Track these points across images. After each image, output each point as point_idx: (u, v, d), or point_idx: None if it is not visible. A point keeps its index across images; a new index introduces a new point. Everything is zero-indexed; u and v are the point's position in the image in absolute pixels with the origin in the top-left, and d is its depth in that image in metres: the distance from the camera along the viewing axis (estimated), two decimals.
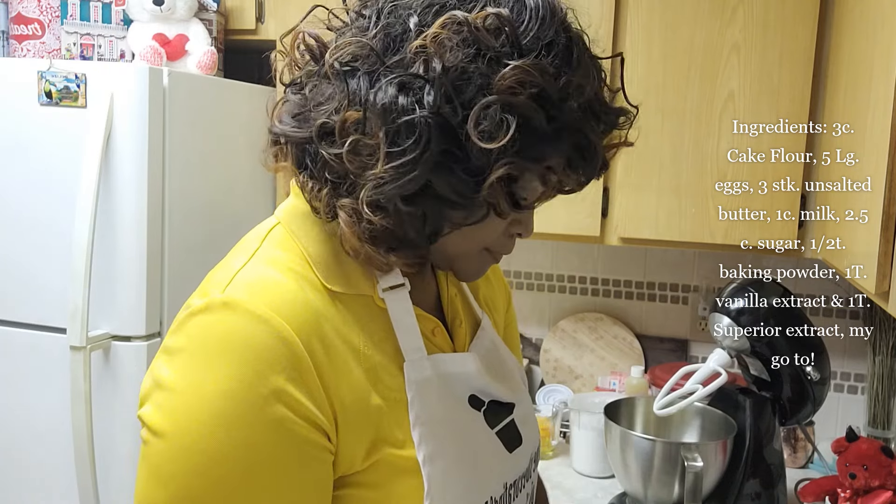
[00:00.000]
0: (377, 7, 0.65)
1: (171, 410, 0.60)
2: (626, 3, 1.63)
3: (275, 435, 0.59)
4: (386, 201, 0.61)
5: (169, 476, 0.59)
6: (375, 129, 0.60)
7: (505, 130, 0.59)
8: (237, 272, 0.64)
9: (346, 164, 0.61)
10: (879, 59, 1.09)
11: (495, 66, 0.60)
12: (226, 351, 0.60)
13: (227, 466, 0.59)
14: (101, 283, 1.52)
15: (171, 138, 1.58)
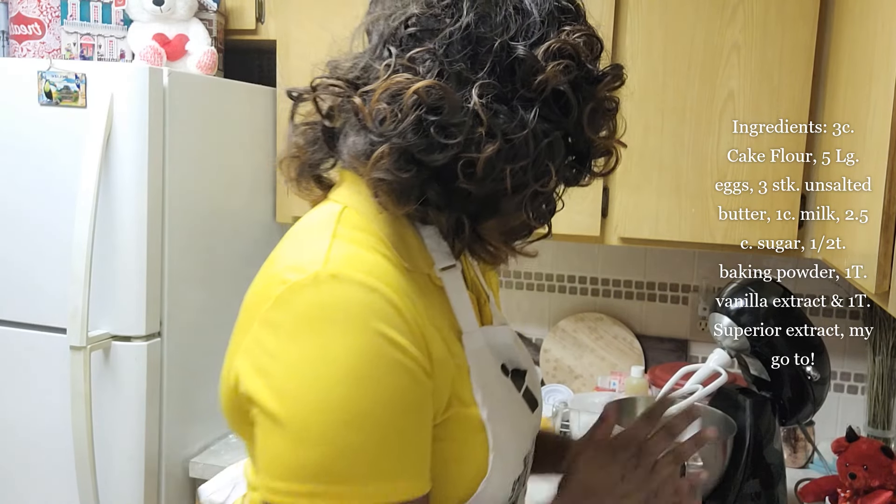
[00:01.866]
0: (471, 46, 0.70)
1: (302, 378, 0.64)
2: (626, 3, 1.63)
3: (403, 383, 0.66)
4: (541, 209, 0.74)
5: (318, 436, 0.64)
6: (525, 154, 0.70)
7: (609, 124, 0.78)
8: (329, 249, 0.69)
9: (505, 189, 0.71)
10: (879, 59, 1.09)
11: (593, 78, 0.74)
12: (346, 316, 0.65)
13: (372, 417, 0.64)
14: (101, 283, 1.52)
15: (171, 138, 1.58)
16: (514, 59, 0.70)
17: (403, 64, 0.70)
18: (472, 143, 0.69)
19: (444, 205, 0.72)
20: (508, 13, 0.71)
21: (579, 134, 0.75)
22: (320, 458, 0.64)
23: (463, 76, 0.69)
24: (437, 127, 0.68)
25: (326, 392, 0.64)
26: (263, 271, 0.74)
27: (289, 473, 0.64)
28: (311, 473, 0.64)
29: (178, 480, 1.67)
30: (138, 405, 1.56)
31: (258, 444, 0.67)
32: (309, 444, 0.64)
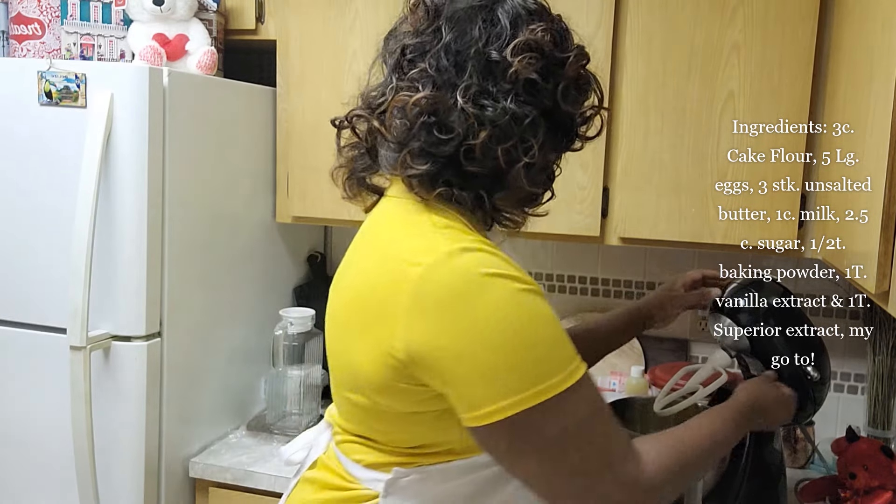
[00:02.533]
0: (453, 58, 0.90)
1: (480, 324, 0.83)
2: (626, 2, 1.63)
3: (542, 303, 0.87)
4: (536, 177, 0.94)
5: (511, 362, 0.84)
6: (511, 135, 0.88)
7: (583, 96, 0.97)
8: (441, 235, 0.88)
9: (501, 166, 0.89)
10: (879, 59, 1.09)
11: (559, 62, 0.92)
12: (486, 272, 0.84)
13: (539, 332, 0.86)
14: (101, 283, 1.52)
15: (171, 138, 1.58)
16: (489, 60, 0.89)
17: (405, 84, 0.91)
18: (469, 133, 0.87)
19: (462, 185, 0.90)
20: (480, 26, 0.90)
21: (557, 109, 0.93)
22: (517, 373, 0.83)
23: (451, 82, 0.88)
24: (437, 126, 0.88)
25: (501, 328, 0.83)
26: (379, 268, 0.91)
27: (500, 393, 0.83)
28: (514, 387, 0.83)
29: (178, 480, 1.67)
30: (138, 405, 1.56)
31: (460, 389, 0.85)
32: (505, 369, 0.83)
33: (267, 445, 1.78)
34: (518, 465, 0.89)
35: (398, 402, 0.91)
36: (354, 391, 0.95)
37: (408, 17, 0.96)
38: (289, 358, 1.85)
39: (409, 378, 0.88)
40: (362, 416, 0.98)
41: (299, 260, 2.13)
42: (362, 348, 0.91)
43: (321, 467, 1.06)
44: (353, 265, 1.00)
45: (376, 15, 1.78)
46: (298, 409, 1.86)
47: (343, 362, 0.98)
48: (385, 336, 0.87)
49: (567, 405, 0.86)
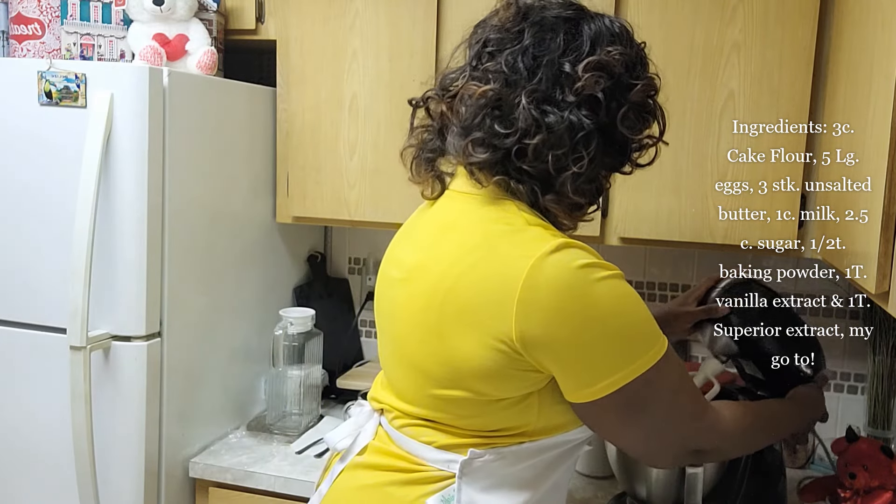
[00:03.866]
0: (528, 61, 0.96)
1: (587, 311, 0.93)
2: (626, 2, 1.62)
3: (631, 289, 0.97)
4: (582, 186, 0.98)
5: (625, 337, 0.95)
6: (563, 143, 0.94)
7: (643, 123, 1.04)
8: (540, 230, 0.96)
9: (549, 170, 0.95)
10: (879, 59, 1.09)
11: (626, 86, 0.99)
12: (588, 263, 0.93)
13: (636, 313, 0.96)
14: (101, 283, 1.52)
15: (171, 138, 1.58)
16: (561, 71, 0.94)
17: (478, 75, 0.97)
18: (527, 133, 0.93)
19: (518, 179, 0.97)
20: (562, 37, 0.96)
21: (613, 130, 0.98)
22: (623, 351, 0.94)
23: (520, 83, 0.94)
24: (499, 120, 0.94)
25: (606, 315, 0.93)
26: (483, 261, 0.96)
27: (609, 370, 0.94)
28: (621, 363, 0.93)
29: (178, 480, 1.67)
30: (138, 405, 1.56)
31: (572, 370, 0.95)
32: (611, 349, 0.94)
33: (267, 445, 1.78)
34: (623, 431, 1.01)
35: (505, 389, 0.97)
36: (450, 387, 0.99)
37: (499, 11, 1.01)
38: (289, 358, 1.85)
39: (522, 364, 0.95)
40: (447, 405, 1.01)
41: (299, 260, 2.13)
42: (470, 341, 0.95)
43: (375, 452, 1.08)
44: (432, 259, 1.02)
45: (376, 15, 1.78)
46: (298, 409, 1.86)
47: (433, 356, 1.00)
48: (498, 326, 0.93)
49: (661, 372, 0.96)
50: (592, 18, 1.00)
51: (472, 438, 1.01)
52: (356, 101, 1.82)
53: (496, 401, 0.98)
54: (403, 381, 1.07)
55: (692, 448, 1.06)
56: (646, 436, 1.02)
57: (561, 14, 0.98)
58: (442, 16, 1.74)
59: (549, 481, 1.05)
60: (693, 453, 1.07)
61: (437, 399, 1.01)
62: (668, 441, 1.04)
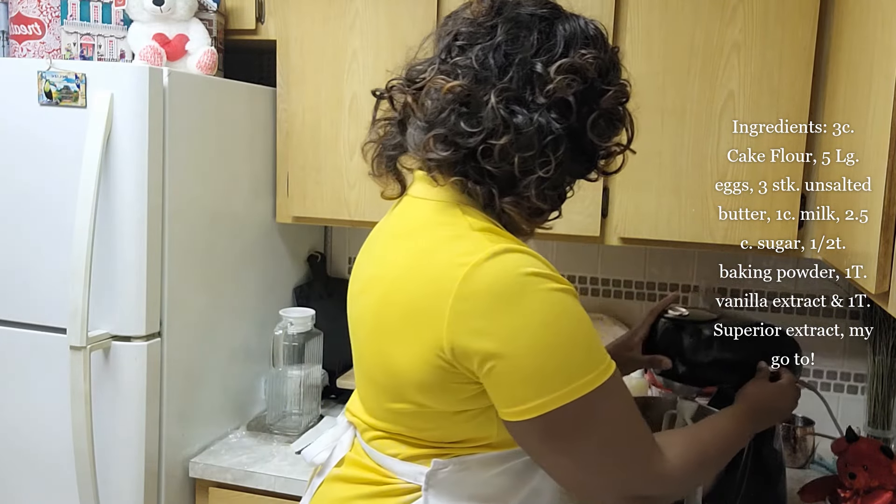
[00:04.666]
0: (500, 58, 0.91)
1: (520, 323, 0.86)
2: (626, 3, 1.63)
3: (576, 303, 0.90)
4: (545, 192, 0.93)
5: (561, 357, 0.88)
6: (532, 146, 0.89)
7: (612, 131, 0.98)
8: (483, 236, 0.91)
9: (514, 172, 0.90)
10: (879, 59, 1.09)
11: (598, 92, 0.94)
12: (528, 272, 0.87)
13: (575, 331, 0.89)
14: (101, 283, 1.52)
15: (171, 138, 1.58)
16: (532, 71, 0.90)
17: (447, 68, 0.92)
18: (493, 133, 0.89)
19: (478, 179, 0.92)
20: (536, 36, 0.92)
21: (582, 136, 0.93)
22: (555, 372, 0.87)
23: (490, 81, 0.90)
24: (466, 118, 0.89)
25: (539, 328, 0.87)
26: (422, 269, 0.92)
27: (539, 390, 0.86)
28: (553, 384, 0.87)
29: (178, 480, 1.67)
30: (138, 405, 1.56)
31: (501, 386, 0.88)
32: (542, 367, 0.87)
33: (267, 445, 1.78)
34: (550, 459, 0.93)
35: (445, 402, 0.93)
36: (397, 399, 0.96)
37: (472, 3, 0.97)
38: (289, 358, 1.85)
39: (458, 377, 0.90)
40: (403, 418, 0.98)
41: (299, 260, 2.13)
42: (407, 351, 0.92)
43: (351, 464, 1.06)
44: (384, 268, 1.00)
45: (376, 15, 1.78)
46: (298, 409, 1.86)
47: (380, 367, 0.98)
48: (432, 336, 0.89)
49: (598, 402, 0.89)
50: (567, 19, 0.96)
51: (434, 449, 0.98)
52: (356, 101, 1.82)
53: (452, 413, 0.94)
54: (366, 394, 1.05)
55: (633, 494, 0.96)
56: (577, 470, 0.93)
57: (536, 12, 0.94)
58: (442, 16, 1.74)
59: (526, 487, 0.99)
60: (636, 499, 0.97)
61: (392, 412, 0.99)
62: (603, 483, 0.94)
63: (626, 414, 0.94)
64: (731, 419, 1.13)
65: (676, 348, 1.37)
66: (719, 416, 1.15)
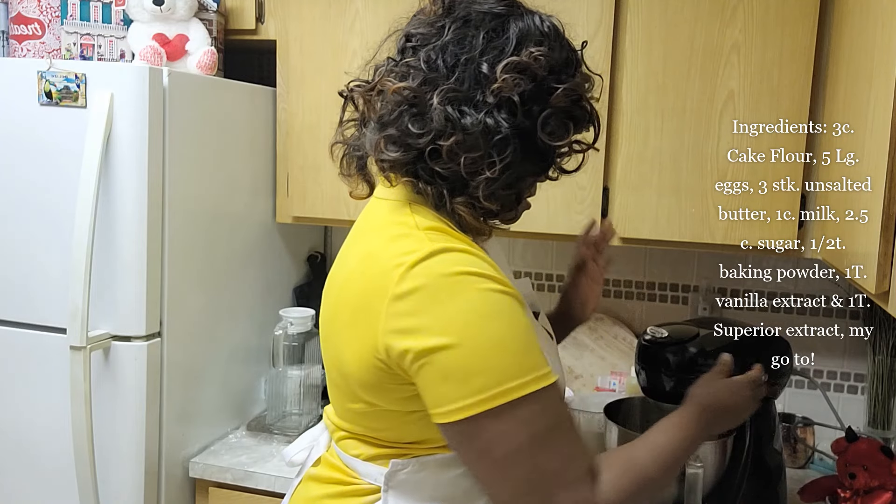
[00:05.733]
0: (448, 59, 0.90)
1: (451, 322, 0.85)
2: (626, 3, 1.63)
3: (515, 307, 0.88)
4: (497, 192, 0.91)
5: (481, 359, 0.85)
6: (478, 146, 0.87)
7: (565, 130, 0.94)
8: (425, 235, 0.89)
9: (462, 173, 0.88)
10: (879, 59, 1.09)
11: (548, 90, 0.90)
12: (464, 271, 0.86)
13: (508, 334, 0.86)
14: (101, 283, 1.52)
15: (171, 138, 1.58)
16: (479, 71, 0.89)
17: (398, 70, 0.92)
18: (441, 134, 0.88)
19: (429, 180, 0.91)
20: (484, 35, 0.90)
21: (533, 135, 0.91)
22: (482, 372, 0.84)
23: (437, 82, 0.89)
24: (414, 119, 0.89)
25: (469, 327, 0.84)
26: (366, 269, 0.92)
27: (473, 390, 0.84)
28: (479, 386, 0.84)
29: (178, 480, 1.67)
30: (138, 405, 1.56)
31: (429, 386, 0.86)
32: (480, 365, 0.84)
33: (267, 445, 1.78)
34: (474, 465, 0.90)
35: (390, 401, 0.93)
36: (352, 399, 0.97)
37: (428, 4, 0.97)
38: (289, 358, 1.85)
39: (393, 377, 0.89)
40: (359, 418, 0.99)
41: (299, 260, 2.13)
42: (352, 351, 0.92)
43: (324, 464, 1.07)
44: (341, 267, 1.01)
45: (376, 15, 1.78)
46: (298, 409, 1.86)
47: (336, 368, 0.99)
48: (370, 336, 0.89)
49: (525, 413, 0.85)
50: (522, 16, 0.93)
51: (393, 449, 0.97)
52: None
53: (405, 413, 0.93)
54: (331, 394, 1.06)
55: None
56: (499, 485, 0.88)
57: (490, 9, 0.92)
58: None
59: None
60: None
61: (351, 412, 0.99)
62: (525, 501, 0.88)
63: (557, 432, 0.88)
64: (676, 428, 1.03)
65: (662, 367, 1.39)
66: (663, 426, 1.03)
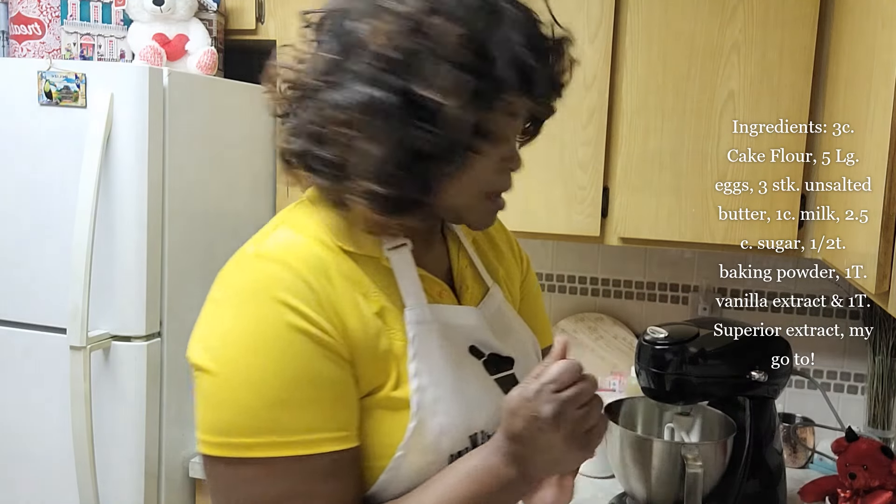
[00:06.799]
0: (329, 29, 0.78)
1: (222, 344, 0.75)
2: (626, 2, 1.63)
3: (305, 347, 0.72)
4: (385, 175, 0.74)
5: (228, 400, 0.73)
6: (359, 124, 0.73)
7: (458, 84, 0.72)
8: (270, 234, 0.79)
9: (345, 158, 0.75)
10: (879, 59, 1.09)
11: (437, 39, 0.72)
12: (256, 288, 0.74)
13: (274, 377, 0.72)
14: (101, 283, 1.52)
15: (171, 138, 1.58)
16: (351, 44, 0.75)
17: (297, 55, 0.81)
18: (325, 118, 0.76)
19: (317, 169, 0.80)
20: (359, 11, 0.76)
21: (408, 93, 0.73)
22: (230, 420, 0.72)
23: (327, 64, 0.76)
24: (301, 104, 0.79)
25: (237, 359, 0.73)
26: None
27: (208, 427, 0.74)
28: (222, 428, 0.73)
29: (177, 480, 1.67)
30: (138, 405, 1.56)
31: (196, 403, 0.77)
32: (219, 408, 0.74)
33: None
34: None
35: None
36: None
37: None
38: None
39: None
40: None
41: None
42: None
43: None
44: None
45: None
46: None
47: None
48: None
49: (248, 476, 0.72)
50: None
51: None
52: None
53: None
54: None
55: None
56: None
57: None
58: None
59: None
60: None
61: None
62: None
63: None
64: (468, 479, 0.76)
65: (662, 367, 1.39)
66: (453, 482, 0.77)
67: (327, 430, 0.73)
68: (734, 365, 1.41)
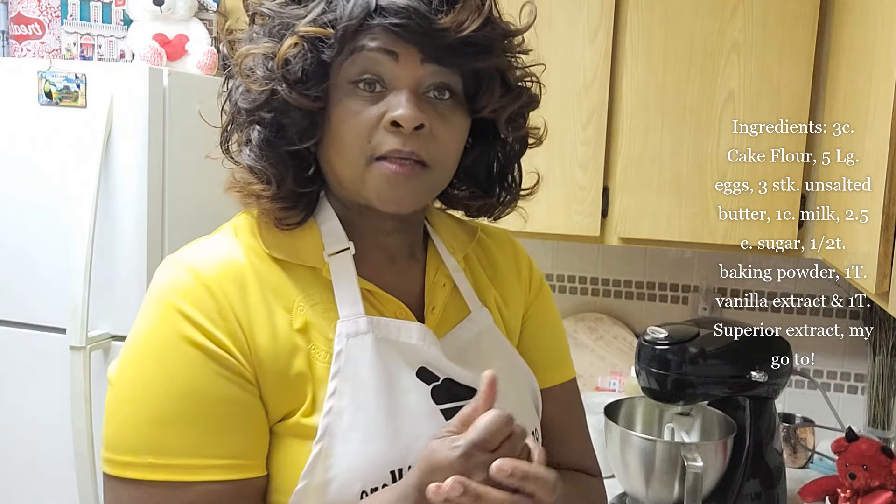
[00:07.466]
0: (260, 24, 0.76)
1: (120, 356, 0.70)
2: (626, 2, 1.63)
3: (191, 362, 0.66)
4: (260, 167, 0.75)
5: (114, 413, 0.68)
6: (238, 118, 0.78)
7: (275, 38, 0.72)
8: (198, 240, 0.77)
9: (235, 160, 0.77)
10: (879, 59, 1.09)
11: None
12: (156, 296, 0.70)
13: (153, 396, 0.66)
14: (101, 283, 1.52)
15: (171, 138, 1.58)
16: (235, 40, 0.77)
17: None
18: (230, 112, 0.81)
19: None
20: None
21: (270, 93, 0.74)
22: (113, 430, 0.68)
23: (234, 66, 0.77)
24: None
25: (133, 363, 0.68)
26: None
27: (103, 440, 0.68)
28: (108, 443, 0.67)
29: None
30: None
31: None
32: (109, 416, 0.68)
33: None
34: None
35: None
36: None
37: None
38: None
39: None
40: None
41: None
42: None
43: None
44: None
45: None
46: None
47: None
48: None
49: (128, 499, 0.66)
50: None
51: None
52: None
53: None
54: None
55: None
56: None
57: None
58: None
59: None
60: None
61: None
62: None
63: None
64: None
65: (662, 367, 1.40)
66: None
67: (214, 457, 0.65)
68: (734, 365, 1.41)
